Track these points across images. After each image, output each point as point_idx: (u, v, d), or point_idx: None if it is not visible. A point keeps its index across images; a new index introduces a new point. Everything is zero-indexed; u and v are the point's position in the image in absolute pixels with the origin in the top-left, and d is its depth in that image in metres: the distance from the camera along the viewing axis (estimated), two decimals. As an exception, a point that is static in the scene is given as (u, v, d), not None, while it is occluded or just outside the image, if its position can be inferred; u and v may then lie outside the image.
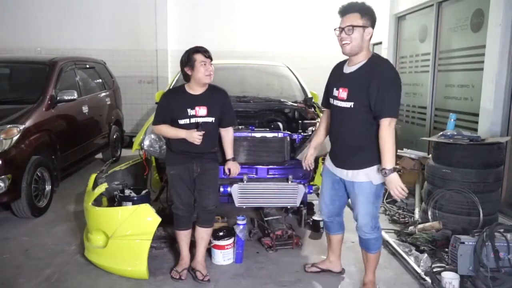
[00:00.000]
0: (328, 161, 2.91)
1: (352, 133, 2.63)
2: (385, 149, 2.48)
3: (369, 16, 2.54)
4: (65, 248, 3.63)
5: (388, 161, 2.47)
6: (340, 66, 2.78)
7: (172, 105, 3.05)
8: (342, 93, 2.61)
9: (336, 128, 2.74)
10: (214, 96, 3.09)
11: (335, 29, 2.60)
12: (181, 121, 3.01)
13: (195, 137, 2.92)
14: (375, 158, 2.60)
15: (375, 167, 2.62)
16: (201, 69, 2.94)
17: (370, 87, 2.47)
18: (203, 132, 2.94)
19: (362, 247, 2.90)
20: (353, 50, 2.54)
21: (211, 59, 3.02)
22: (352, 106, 2.56)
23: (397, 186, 2.48)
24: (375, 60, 2.58)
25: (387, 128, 2.48)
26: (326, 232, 3.22)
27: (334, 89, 2.68)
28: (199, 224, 3.17)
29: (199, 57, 2.95)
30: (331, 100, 2.73)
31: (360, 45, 2.53)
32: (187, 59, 2.98)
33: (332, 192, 2.93)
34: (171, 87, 4.52)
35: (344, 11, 2.55)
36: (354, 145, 2.65)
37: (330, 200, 2.97)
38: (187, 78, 3.05)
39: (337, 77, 2.72)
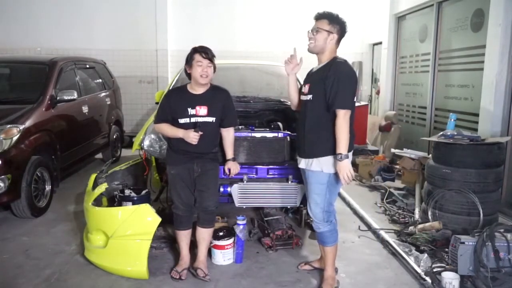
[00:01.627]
0: (297, 156, 3.07)
1: (309, 123, 2.85)
2: (340, 137, 2.69)
3: (336, 24, 2.84)
4: (65, 248, 3.63)
5: (343, 147, 2.68)
6: (313, 68, 3.05)
7: (173, 104, 3.05)
8: (306, 88, 2.92)
9: (300, 120, 2.98)
10: (216, 96, 3.09)
11: (308, 31, 2.91)
12: (181, 120, 3.02)
13: (192, 137, 2.92)
14: (328, 149, 2.78)
15: (327, 157, 2.79)
16: (197, 69, 2.96)
17: (326, 81, 2.73)
18: (201, 133, 2.94)
19: (319, 241, 3.04)
20: (314, 49, 2.87)
21: (211, 60, 3.00)
22: (311, 98, 2.85)
23: (347, 171, 2.69)
24: (335, 60, 2.85)
25: (342, 119, 2.69)
26: None
27: (303, 86, 2.98)
28: (200, 225, 3.17)
29: (196, 57, 2.97)
30: (301, 96, 3.01)
31: (322, 46, 2.84)
32: (188, 57, 3.02)
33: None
34: (171, 87, 4.52)
35: (316, 17, 2.89)
36: (310, 134, 2.85)
37: None
38: (189, 76, 3.07)
39: (307, 76, 3.03)
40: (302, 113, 2.95)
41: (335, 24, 2.83)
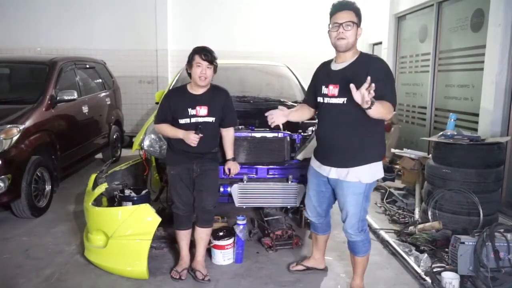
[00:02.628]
0: (314, 161, 2.85)
1: (344, 129, 2.58)
2: (383, 108, 2.36)
3: (360, 17, 2.57)
4: (65, 248, 3.63)
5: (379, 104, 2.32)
6: (326, 65, 2.78)
7: (174, 104, 3.05)
8: (333, 89, 2.58)
9: (327, 126, 2.68)
10: (216, 96, 3.09)
11: (329, 24, 2.59)
12: (182, 121, 3.02)
13: (192, 139, 2.92)
14: (367, 157, 2.59)
15: (366, 166, 2.58)
16: (196, 70, 2.95)
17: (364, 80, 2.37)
18: (201, 135, 2.94)
19: (350, 250, 2.85)
20: (348, 46, 2.55)
21: (211, 63, 2.96)
22: (345, 102, 2.53)
23: (368, 99, 2.22)
24: (367, 56, 2.62)
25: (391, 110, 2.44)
26: (313, 232, 3.17)
27: (323, 87, 2.65)
28: (199, 225, 3.17)
29: (196, 58, 2.96)
30: (320, 99, 2.69)
31: (354, 42, 2.55)
32: (190, 57, 3.02)
33: (320, 194, 2.88)
34: (171, 87, 4.52)
35: (341, 7, 2.55)
36: (347, 141, 2.59)
37: (318, 202, 2.93)
38: (190, 75, 3.07)
39: (325, 75, 2.70)
40: (331, 118, 2.63)
41: (360, 16, 2.56)
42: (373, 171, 2.62)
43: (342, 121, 2.58)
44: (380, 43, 8.13)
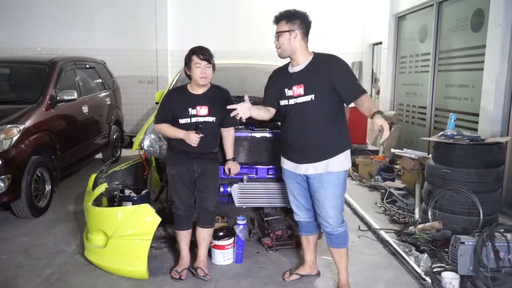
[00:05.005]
0: (287, 163, 2.87)
1: (317, 124, 2.67)
2: (372, 104, 2.58)
3: (295, 19, 2.68)
4: (65, 248, 3.63)
5: (376, 108, 2.55)
6: (281, 70, 2.87)
7: (174, 104, 3.06)
8: (298, 89, 2.67)
9: (299, 125, 2.72)
10: (216, 96, 3.09)
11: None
12: (182, 120, 3.02)
13: (193, 138, 2.92)
14: (342, 146, 2.72)
15: (343, 154, 2.71)
16: (196, 70, 2.96)
17: (330, 77, 2.60)
18: (202, 135, 2.94)
19: (334, 245, 2.86)
20: (283, 54, 2.72)
21: (209, 61, 2.98)
22: (313, 98, 2.64)
23: (383, 122, 2.38)
24: (321, 56, 2.74)
25: (369, 98, 2.64)
26: (303, 236, 3.10)
27: (286, 90, 2.72)
28: (200, 225, 3.17)
29: (194, 59, 2.97)
30: (285, 102, 2.75)
31: (289, 48, 2.68)
32: (187, 59, 3.02)
33: (303, 191, 2.89)
34: (171, 87, 4.52)
35: (275, 21, 2.75)
36: (320, 135, 2.67)
37: (304, 198, 2.92)
38: (189, 77, 3.07)
39: (284, 79, 2.77)
40: (300, 117, 2.69)
41: (294, 20, 2.66)
42: (347, 159, 2.75)
43: (314, 117, 2.66)
44: (380, 43, 8.14)
